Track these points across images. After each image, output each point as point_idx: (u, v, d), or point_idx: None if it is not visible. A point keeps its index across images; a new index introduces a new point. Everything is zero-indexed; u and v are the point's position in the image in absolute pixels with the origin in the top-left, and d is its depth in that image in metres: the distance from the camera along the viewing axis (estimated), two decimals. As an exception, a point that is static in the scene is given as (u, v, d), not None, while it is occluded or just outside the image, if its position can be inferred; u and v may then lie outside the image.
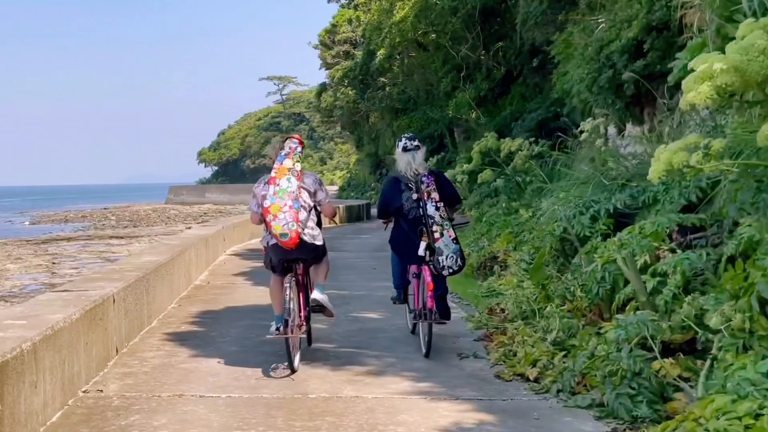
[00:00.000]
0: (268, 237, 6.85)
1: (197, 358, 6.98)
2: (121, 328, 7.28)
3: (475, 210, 18.78)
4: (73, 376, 5.75)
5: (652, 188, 8.10)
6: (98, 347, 6.47)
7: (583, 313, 7.38)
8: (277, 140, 7.22)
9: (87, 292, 6.85)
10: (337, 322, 8.72)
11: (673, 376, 5.21)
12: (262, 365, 6.67)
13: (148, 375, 6.39)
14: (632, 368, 5.11)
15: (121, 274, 8.21)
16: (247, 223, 20.01)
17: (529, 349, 6.62)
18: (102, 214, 61.02)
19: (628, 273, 6.15)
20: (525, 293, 8.44)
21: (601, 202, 8.89)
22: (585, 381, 5.69)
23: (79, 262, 24.26)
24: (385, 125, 45.13)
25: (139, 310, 8.06)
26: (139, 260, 9.69)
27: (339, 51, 49.02)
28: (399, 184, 7.48)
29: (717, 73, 4.37)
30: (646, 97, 12.45)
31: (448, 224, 7.22)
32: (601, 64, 12.35)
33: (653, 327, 5.22)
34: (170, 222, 47.10)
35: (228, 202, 68.91)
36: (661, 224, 6.63)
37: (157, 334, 8.12)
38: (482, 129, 27.11)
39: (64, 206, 79.67)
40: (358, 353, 7.20)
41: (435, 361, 6.86)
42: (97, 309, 6.49)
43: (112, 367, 6.65)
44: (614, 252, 6.61)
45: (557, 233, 9.37)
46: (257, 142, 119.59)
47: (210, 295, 10.90)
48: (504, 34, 28.87)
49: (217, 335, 8.06)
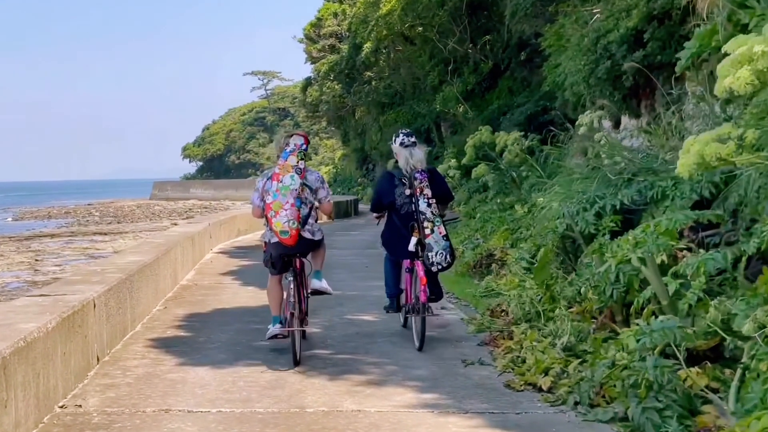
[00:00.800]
0: (269, 234, 6.91)
1: (184, 367, 6.51)
2: (102, 335, 6.81)
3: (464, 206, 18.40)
4: (49, 391, 5.29)
5: (660, 183, 7.73)
6: (77, 357, 6.00)
7: (593, 315, 6.99)
8: (282, 135, 7.19)
9: (65, 297, 6.37)
10: (332, 325, 8.34)
11: (701, 387, 4.81)
12: (254, 374, 6.23)
13: (132, 387, 5.92)
14: (659, 380, 4.69)
15: (103, 276, 7.74)
16: (233, 219, 19.67)
17: (540, 356, 6.19)
18: (86, 210, 60.46)
19: (648, 274, 5.74)
20: (529, 294, 8.02)
21: (606, 197, 8.52)
22: (603, 392, 5.28)
23: (63, 259, 24.31)
24: (372, 120, 44.66)
25: (122, 314, 7.60)
26: (123, 260, 9.22)
27: (324, 45, 48.38)
28: (393, 179, 7.59)
29: (758, 56, 3.98)
30: (643, 89, 12.12)
31: (439, 221, 7.29)
32: (598, 55, 11.98)
33: (681, 334, 4.80)
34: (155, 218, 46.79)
35: (213, 198, 68.65)
36: (678, 221, 6.23)
37: (141, 339, 7.65)
38: (470, 123, 26.84)
39: (48, 202, 78.82)
40: (357, 360, 6.75)
41: (438, 368, 6.43)
42: (75, 315, 6.02)
43: (93, 378, 6.18)
44: (629, 251, 6.21)
45: (560, 230, 8.99)
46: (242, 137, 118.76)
47: (197, 296, 10.44)
48: (491, 27, 28.50)
49: (205, 341, 7.60)
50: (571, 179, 10.56)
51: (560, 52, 15.94)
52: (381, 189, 7.78)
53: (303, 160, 6.85)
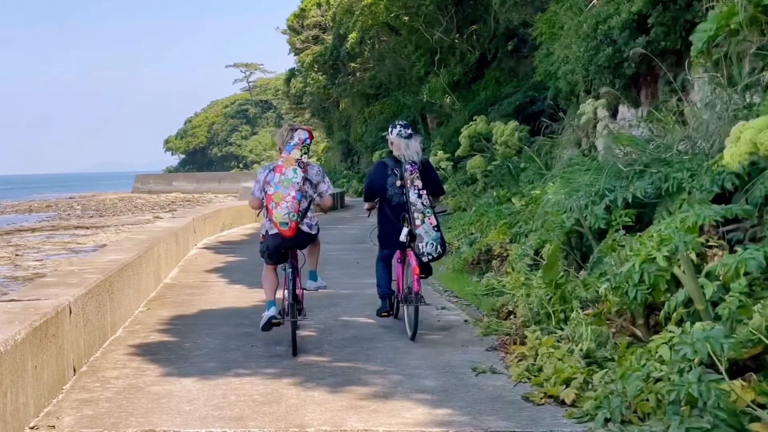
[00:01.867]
0: (268, 225, 7.00)
1: (169, 378, 5.94)
2: (79, 343, 6.24)
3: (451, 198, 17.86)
4: (18, 410, 4.72)
5: (675, 174, 7.24)
6: (51, 370, 5.43)
7: (609, 318, 6.48)
8: (286, 129, 7.21)
9: (38, 303, 5.79)
10: (327, 327, 7.82)
11: (747, 402, 4.32)
12: (247, 386, 5.68)
13: (111, 402, 5.34)
14: (705, 397, 4.18)
15: (80, 278, 7.16)
16: (218, 213, 19.16)
17: (558, 364, 5.68)
18: (67, 203, 59.71)
19: (681, 275, 5.24)
20: (538, 294, 7.49)
21: (616, 190, 8.04)
22: (635, 406, 4.77)
23: (43, 253, 24.05)
24: (356, 112, 44.11)
25: (101, 318, 7.03)
26: (102, 259, 8.64)
27: (308, 36, 47.65)
28: (386, 169, 7.73)
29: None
30: (644, 78, 11.65)
31: (429, 212, 7.35)
32: (599, 42, 11.48)
33: (728, 344, 4.28)
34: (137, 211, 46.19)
35: (195, 191, 68.07)
36: (707, 216, 5.74)
37: (122, 346, 7.08)
38: (457, 114, 26.39)
39: (29, 196, 77.66)
40: (358, 369, 6.19)
41: (447, 378, 5.89)
42: (49, 323, 5.45)
43: (69, 393, 5.60)
44: (653, 249, 5.71)
45: (568, 225, 8.49)
46: (224, 129, 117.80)
47: (182, 295, 9.86)
48: (478, 17, 28.02)
49: (191, 347, 7.03)
50: (575, 170, 10.08)
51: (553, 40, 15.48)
52: (373, 179, 7.93)
53: (306, 155, 6.95)
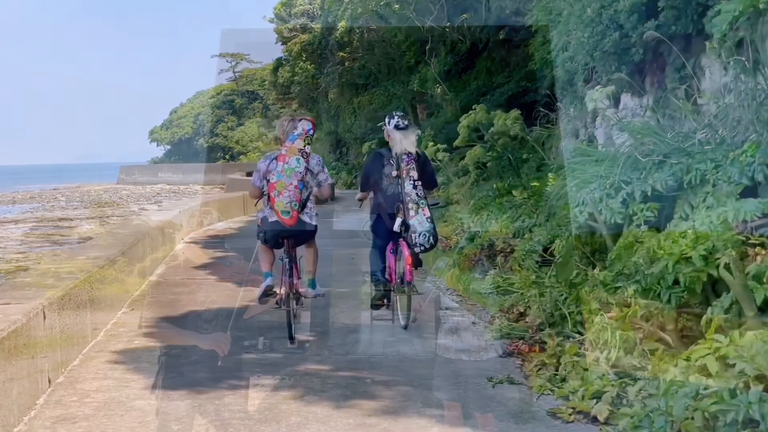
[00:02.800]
0: (268, 212, 6.99)
1: (155, 391, 5.36)
2: (54, 351, 5.66)
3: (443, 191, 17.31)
4: (-17, 434, 4.18)
5: (697, 166, 6.73)
6: (22, 383, 4.86)
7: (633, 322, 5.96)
8: (287, 119, 7.24)
9: (7, 309, 5.21)
10: (325, 331, 7.27)
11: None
12: (242, 401, 5.13)
13: (90, 421, 4.77)
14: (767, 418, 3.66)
15: (57, 278, 6.59)
16: (206, 206, 18.64)
17: (586, 375, 5.16)
18: (51, 194, 58.84)
19: (727, 276, 4.72)
20: (553, 294, 6.97)
21: (633, 182, 7.51)
22: (681, 426, 4.25)
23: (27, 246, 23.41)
24: (345, 102, 43.52)
25: (80, 322, 6.45)
26: (83, 256, 8.07)
27: (296, 24, 47.02)
28: (382, 158, 7.74)
29: None
30: (650, 65, 11.14)
31: (423, 202, 7.38)
32: (604, 26, 10.96)
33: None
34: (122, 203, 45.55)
35: (181, 182, 67.33)
36: (748, 211, 5.24)
37: (104, 352, 6.49)
38: (447, 105, 25.90)
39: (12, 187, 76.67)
40: (362, 379, 5.64)
41: (462, 389, 5.36)
42: (19, 332, 4.88)
43: (43, 408, 5.03)
44: (688, 247, 5.20)
45: (581, 220, 7.97)
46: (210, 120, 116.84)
47: (168, 294, 9.26)
48: (469, 6, 27.48)
49: (180, 353, 6.45)
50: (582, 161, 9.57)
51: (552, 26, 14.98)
52: (369, 168, 7.97)
53: (309, 145, 6.98)
